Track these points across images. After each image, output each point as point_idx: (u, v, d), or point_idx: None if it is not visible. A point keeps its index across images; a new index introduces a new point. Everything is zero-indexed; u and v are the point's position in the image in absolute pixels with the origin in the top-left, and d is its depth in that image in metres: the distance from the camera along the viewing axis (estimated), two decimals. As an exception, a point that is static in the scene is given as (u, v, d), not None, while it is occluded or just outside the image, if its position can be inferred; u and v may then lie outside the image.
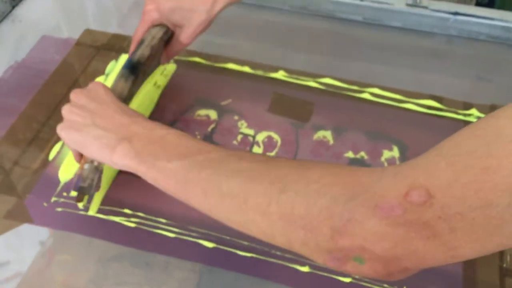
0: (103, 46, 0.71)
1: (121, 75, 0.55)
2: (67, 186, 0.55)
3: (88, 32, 0.73)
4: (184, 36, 0.59)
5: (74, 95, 0.49)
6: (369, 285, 0.48)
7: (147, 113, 0.63)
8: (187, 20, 0.58)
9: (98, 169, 0.49)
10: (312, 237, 0.31)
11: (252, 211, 0.34)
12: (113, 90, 0.52)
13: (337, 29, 0.77)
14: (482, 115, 0.64)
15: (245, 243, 0.51)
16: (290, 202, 0.32)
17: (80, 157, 0.51)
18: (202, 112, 0.63)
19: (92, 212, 0.53)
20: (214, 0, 0.57)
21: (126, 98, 0.54)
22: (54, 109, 0.63)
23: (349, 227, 0.30)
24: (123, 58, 0.69)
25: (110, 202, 0.54)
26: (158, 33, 0.58)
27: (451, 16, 0.73)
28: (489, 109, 0.64)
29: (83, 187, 0.49)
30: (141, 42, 0.58)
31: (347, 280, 0.49)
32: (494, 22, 0.72)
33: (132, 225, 0.52)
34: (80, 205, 0.53)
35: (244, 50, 0.73)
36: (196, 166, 0.38)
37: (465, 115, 0.64)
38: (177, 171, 0.39)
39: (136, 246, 0.51)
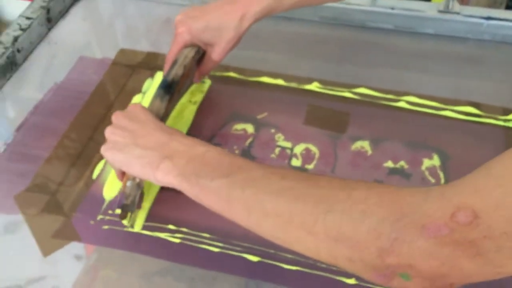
0: (138, 65, 0.73)
1: (156, 95, 0.56)
2: (112, 204, 0.56)
3: (122, 51, 0.75)
4: (215, 54, 0.61)
5: (115, 117, 0.51)
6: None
7: (185, 129, 0.64)
8: (217, 38, 0.59)
9: (140, 186, 0.51)
10: (358, 255, 0.32)
11: (297, 229, 0.35)
12: (150, 110, 0.54)
13: (368, 39, 0.77)
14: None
15: (290, 256, 0.51)
16: (337, 222, 0.32)
17: (122, 176, 0.52)
18: (239, 126, 0.64)
19: (137, 228, 0.54)
20: (241, 17, 0.58)
21: (163, 117, 0.56)
22: (95, 129, 0.64)
23: (396, 247, 0.31)
24: (159, 75, 0.71)
25: (154, 219, 0.55)
26: (190, 52, 0.60)
27: (484, 21, 0.72)
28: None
29: (126, 204, 0.50)
30: (174, 62, 0.59)
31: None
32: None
33: (177, 240, 0.53)
34: (125, 222, 0.54)
35: (276, 62, 0.73)
36: (239, 185, 0.39)
37: (505, 120, 0.63)
38: (220, 189, 0.40)
39: (181, 261, 0.52)
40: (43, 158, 0.61)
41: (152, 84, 0.69)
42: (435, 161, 0.59)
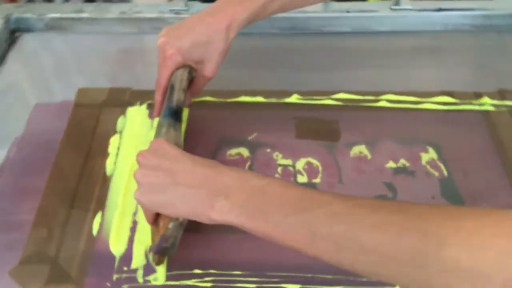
0: (104, 103, 0.67)
1: (168, 125, 0.53)
2: (124, 259, 0.51)
3: (82, 91, 0.69)
4: (207, 70, 0.58)
5: (142, 158, 0.47)
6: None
7: None
8: (207, 54, 0.57)
9: (182, 226, 0.46)
10: (480, 286, 0.31)
11: (405, 266, 0.33)
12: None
13: (329, 43, 0.78)
14: (494, 101, 0.67)
15: (329, 277, 0.50)
16: (453, 256, 0.31)
17: (154, 219, 0.47)
18: (233, 151, 0.61)
19: (161, 280, 0.50)
20: (227, 27, 0.56)
21: (183, 147, 0.52)
22: (79, 181, 0.58)
23: None
24: (131, 111, 0.66)
25: (176, 266, 0.51)
26: (183, 74, 0.57)
27: (435, 13, 0.76)
28: (498, 95, 0.67)
29: (167, 247, 0.46)
30: (171, 88, 0.56)
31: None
32: (475, 13, 0.76)
33: (208, 284, 0.50)
34: (161, 269, 0.50)
35: (243, 79, 0.72)
36: (323, 221, 0.36)
37: (479, 104, 0.67)
38: (298, 226, 0.37)
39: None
40: (28, 223, 0.54)
41: (127, 122, 0.65)
42: (432, 153, 0.61)
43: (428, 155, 0.61)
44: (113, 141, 0.63)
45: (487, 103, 0.67)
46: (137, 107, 0.66)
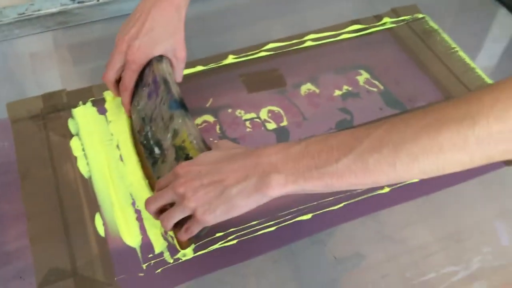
0: (43, 112, 0.64)
1: (182, 116, 0.53)
2: (145, 248, 0.52)
3: (12, 105, 0.64)
4: (179, 53, 0.59)
5: (184, 187, 0.46)
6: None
7: None
8: (171, 39, 0.57)
9: None
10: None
11: (450, 153, 0.38)
12: (190, 134, 0.51)
13: (236, 2, 0.81)
14: (393, 19, 0.77)
15: (331, 198, 0.56)
16: (485, 127, 0.36)
17: None
18: (199, 120, 0.63)
19: (190, 254, 0.52)
20: (177, 8, 0.57)
21: (199, 131, 0.53)
22: (58, 192, 0.56)
23: None
24: (78, 112, 0.64)
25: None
26: (166, 66, 0.57)
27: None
28: (393, 13, 0.78)
29: (200, 235, 0.48)
30: (165, 82, 0.55)
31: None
32: None
33: (234, 242, 0.53)
34: (188, 249, 0.52)
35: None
36: (370, 150, 0.40)
37: (382, 24, 0.76)
38: (352, 164, 0.40)
39: (245, 259, 0.52)
40: (25, 248, 0.52)
41: (79, 123, 0.62)
42: (365, 74, 0.69)
43: (363, 77, 0.69)
44: (74, 144, 0.60)
45: (388, 22, 0.77)
46: (82, 107, 0.64)
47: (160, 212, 0.49)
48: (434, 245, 0.54)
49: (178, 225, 0.49)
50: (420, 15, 0.78)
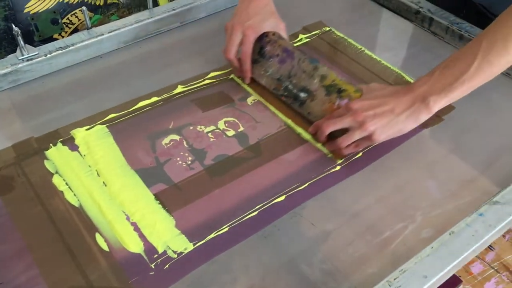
0: (19, 159, 0.68)
1: (326, 67, 0.73)
2: (149, 251, 0.58)
3: (-15, 159, 0.68)
4: (281, 25, 0.78)
5: (356, 104, 0.66)
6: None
7: (119, 165, 0.67)
8: (271, 18, 0.77)
9: None
10: None
11: None
12: (338, 74, 0.72)
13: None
14: (306, 35, 0.90)
15: (298, 182, 0.65)
16: None
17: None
18: (166, 140, 0.71)
19: (190, 246, 0.58)
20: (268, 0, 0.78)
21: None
22: (54, 223, 0.60)
23: None
24: (51, 153, 0.68)
25: (195, 231, 0.59)
26: (281, 38, 0.77)
27: None
28: (305, 30, 0.91)
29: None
30: (296, 49, 0.76)
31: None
32: None
33: (226, 229, 0.60)
34: (184, 239, 0.58)
35: (132, 90, 0.79)
36: (485, 51, 0.62)
37: (299, 40, 0.89)
38: (482, 66, 0.62)
39: (238, 241, 0.59)
40: (36, 277, 0.55)
41: (55, 162, 0.67)
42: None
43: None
44: (57, 180, 0.65)
45: (303, 38, 0.90)
46: (54, 149, 0.69)
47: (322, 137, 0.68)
48: (382, 209, 0.63)
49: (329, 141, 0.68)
50: (327, 28, 0.92)
